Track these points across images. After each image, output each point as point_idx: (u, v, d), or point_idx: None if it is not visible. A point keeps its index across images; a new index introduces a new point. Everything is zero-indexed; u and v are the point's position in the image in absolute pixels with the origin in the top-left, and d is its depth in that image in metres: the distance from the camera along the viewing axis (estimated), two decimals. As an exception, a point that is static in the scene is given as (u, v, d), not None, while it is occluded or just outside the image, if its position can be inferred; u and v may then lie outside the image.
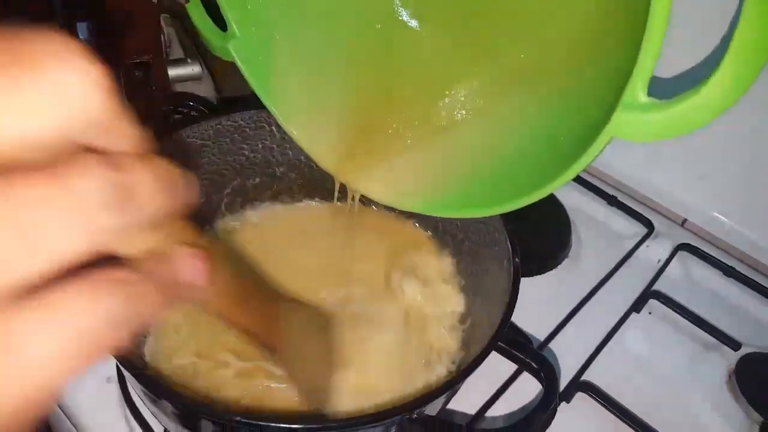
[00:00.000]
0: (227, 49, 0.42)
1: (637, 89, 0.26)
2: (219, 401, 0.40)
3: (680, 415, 0.49)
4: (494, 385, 0.47)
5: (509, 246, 0.39)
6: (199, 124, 0.48)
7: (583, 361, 0.51)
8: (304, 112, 0.44)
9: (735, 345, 0.53)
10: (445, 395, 0.33)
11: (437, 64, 0.43)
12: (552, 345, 0.52)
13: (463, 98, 0.42)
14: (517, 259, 0.38)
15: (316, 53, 0.44)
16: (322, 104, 0.44)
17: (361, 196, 0.44)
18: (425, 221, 0.53)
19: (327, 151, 0.44)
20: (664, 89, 0.27)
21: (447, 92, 0.42)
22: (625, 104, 0.27)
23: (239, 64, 0.42)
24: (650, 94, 0.26)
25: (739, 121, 0.57)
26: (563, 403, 0.48)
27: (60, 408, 0.46)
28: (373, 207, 0.53)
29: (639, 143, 0.64)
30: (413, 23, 0.44)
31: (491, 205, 0.36)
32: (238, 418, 0.29)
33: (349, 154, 0.43)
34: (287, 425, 0.28)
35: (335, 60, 0.44)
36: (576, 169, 0.30)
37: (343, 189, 0.45)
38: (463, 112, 0.42)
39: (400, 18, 0.44)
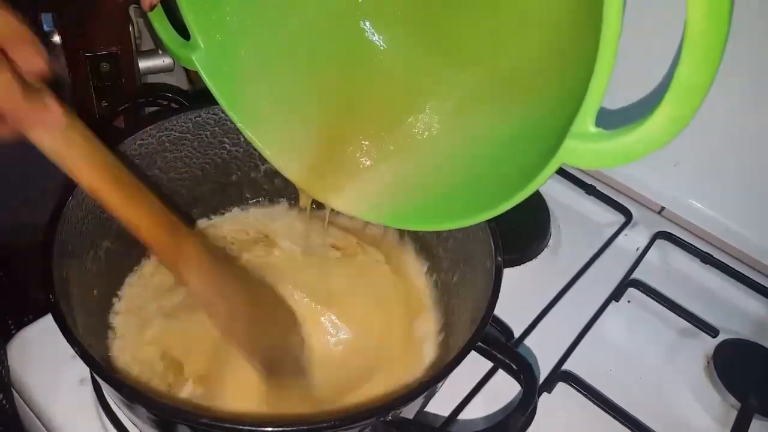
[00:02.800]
0: (191, 59, 0.42)
1: (587, 120, 0.28)
2: (189, 403, 0.39)
3: (659, 403, 0.49)
4: (469, 383, 0.47)
5: (492, 245, 0.39)
6: (178, 116, 0.46)
7: (563, 350, 0.51)
8: (271, 125, 0.44)
9: (713, 332, 0.53)
10: (422, 397, 0.32)
11: (403, 79, 0.43)
12: (532, 335, 0.52)
13: (425, 115, 0.42)
14: (499, 258, 0.38)
15: (282, 66, 0.43)
16: (289, 117, 0.44)
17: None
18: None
19: (294, 164, 0.44)
20: (610, 119, 0.29)
21: (411, 109, 0.43)
22: (574, 133, 0.28)
23: (203, 75, 0.42)
24: (598, 124, 0.28)
25: (713, 109, 0.57)
26: (544, 393, 0.48)
27: (33, 411, 0.44)
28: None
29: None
30: (379, 40, 0.44)
31: (453, 219, 0.37)
32: (205, 420, 0.28)
33: (317, 167, 0.44)
34: (258, 428, 0.28)
35: (302, 73, 0.44)
36: (529, 191, 0.32)
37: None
38: (424, 129, 0.42)
39: (366, 35, 0.44)
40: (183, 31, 0.43)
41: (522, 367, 0.33)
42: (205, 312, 0.40)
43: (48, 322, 0.46)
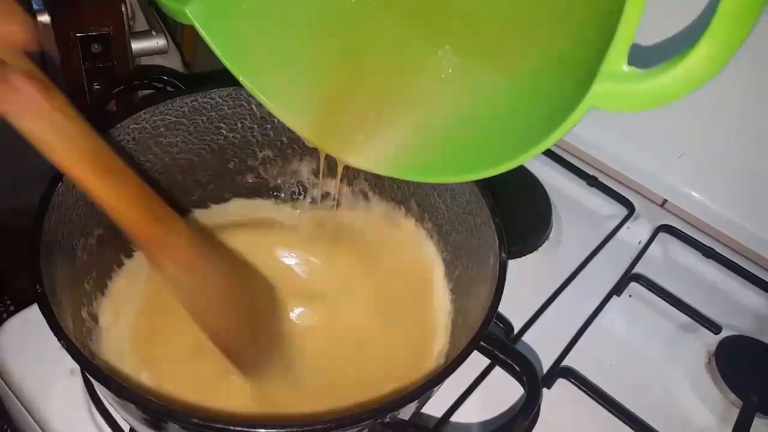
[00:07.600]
0: (185, 12, 0.39)
1: (618, 58, 0.25)
2: (180, 402, 0.38)
3: (660, 399, 0.49)
4: (465, 381, 0.46)
5: (496, 240, 0.37)
6: (174, 100, 0.45)
7: (563, 346, 0.50)
8: (275, 78, 0.41)
9: (715, 328, 0.53)
10: (420, 398, 0.31)
11: (410, 30, 0.41)
12: (532, 329, 0.51)
13: (438, 63, 0.40)
14: (504, 255, 0.36)
15: (284, 16, 0.41)
16: (294, 70, 0.41)
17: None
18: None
19: (303, 118, 0.41)
20: (640, 57, 0.26)
21: (421, 58, 0.40)
22: (605, 74, 0.26)
23: (199, 28, 0.39)
24: (630, 62, 0.25)
25: (719, 99, 0.56)
26: (544, 390, 0.47)
27: (21, 402, 0.43)
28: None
29: (618, 121, 0.64)
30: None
31: (467, 171, 0.35)
32: (196, 420, 0.27)
33: (327, 121, 0.41)
34: (250, 429, 0.27)
35: (305, 23, 0.41)
36: (554, 138, 0.29)
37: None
38: (437, 77, 0.40)
39: None
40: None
41: (525, 369, 0.32)
42: (184, 306, 0.37)
43: (37, 310, 0.45)
